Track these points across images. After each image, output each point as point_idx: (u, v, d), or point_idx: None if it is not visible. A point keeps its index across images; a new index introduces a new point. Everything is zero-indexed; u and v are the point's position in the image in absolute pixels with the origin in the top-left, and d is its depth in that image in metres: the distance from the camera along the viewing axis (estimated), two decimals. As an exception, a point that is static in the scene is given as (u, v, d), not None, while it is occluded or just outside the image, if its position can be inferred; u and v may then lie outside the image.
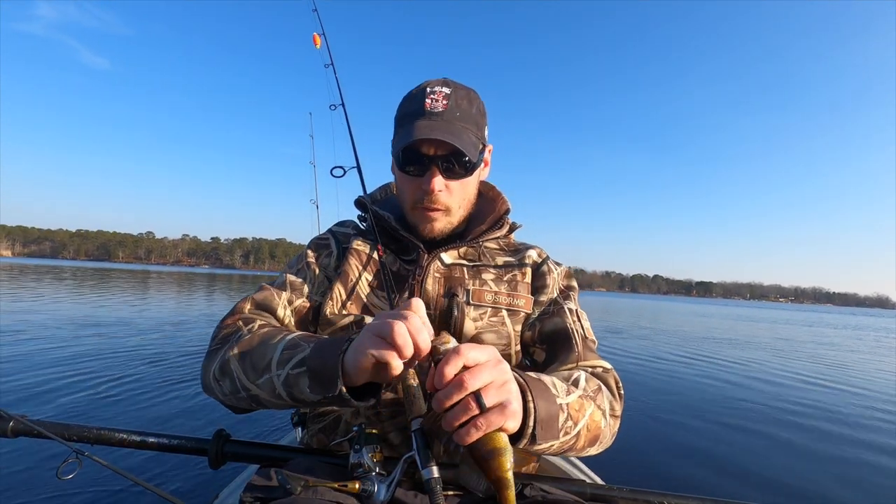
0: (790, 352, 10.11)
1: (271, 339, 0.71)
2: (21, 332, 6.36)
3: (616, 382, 0.82)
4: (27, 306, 9.58)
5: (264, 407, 0.74)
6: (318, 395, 0.63)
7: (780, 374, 6.92)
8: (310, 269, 0.93)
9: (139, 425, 3.03)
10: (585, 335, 0.87)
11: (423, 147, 0.82)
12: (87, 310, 9.69)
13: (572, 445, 0.69)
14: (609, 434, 0.77)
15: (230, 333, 0.79)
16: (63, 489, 2.13)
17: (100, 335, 6.58)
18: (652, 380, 5.87)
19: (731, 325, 18.69)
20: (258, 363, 0.69)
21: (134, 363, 4.92)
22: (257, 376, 0.69)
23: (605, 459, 0.80)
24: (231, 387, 0.73)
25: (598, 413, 0.73)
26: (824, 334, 16.86)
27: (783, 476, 2.94)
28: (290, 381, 0.66)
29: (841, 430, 4.02)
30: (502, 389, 0.56)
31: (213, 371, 0.75)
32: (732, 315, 31.16)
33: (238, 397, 0.73)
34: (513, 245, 1.00)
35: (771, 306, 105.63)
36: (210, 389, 0.78)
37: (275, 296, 0.87)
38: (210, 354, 0.79)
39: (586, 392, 0.72)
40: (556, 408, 0.65)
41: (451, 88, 0.85)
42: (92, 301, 11.83)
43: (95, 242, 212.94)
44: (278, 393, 0.67)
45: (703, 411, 4.43)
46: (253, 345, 0.72)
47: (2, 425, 0.74)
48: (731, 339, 12.37)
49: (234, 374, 0.72)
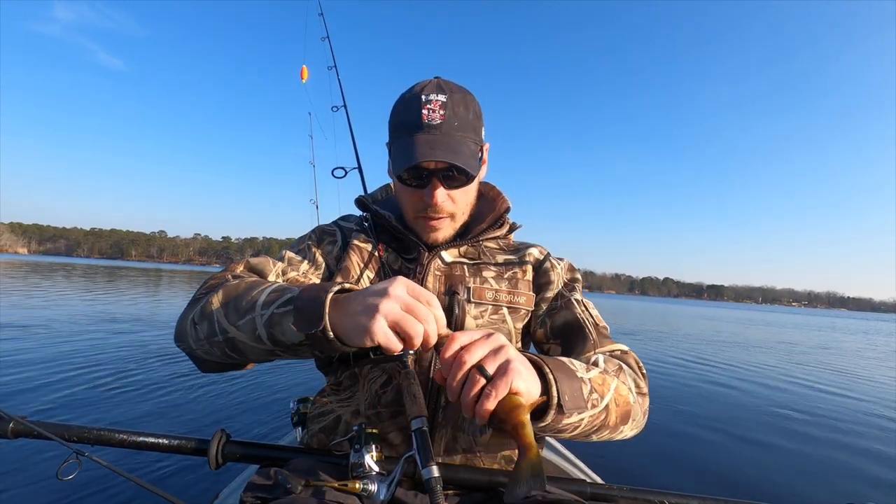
0: (794, 355, 10.09)
1: (259, 285, 0.70)
2: (28, 328, 6.38)
3: (637, 362, 0.82)
4: (36, 303, 9.65)
5: (237, 354, 0.70)
6: (300, 333, 0.61)
7: (783, 377, 6.92)
8: (310, 252, 0.93)
9: (139, 426, 3.04)
10: (597, 322, 0.88)
11: (424, 162, 0.81)
12: (98, 307, 9.76)
13: (604, 421, 0.69)
14: (641, 412, 0.77)
15: (217, 283, 0.77)
16: (63, 490, 2.12)
17: (111, 332, 6.60)
18: (652, 380, 5.81)
19: (739, 329, 18.63)
20: (241, 305, 0.68)
21: (136, 361, 4.93)
22: (239, 317, 0.67)
23: (606, 459, 0.79)
24: (208, 330, 0.70)
25: (624, 388, 0.73)
26: (836, 339, 16.64)
27: (783, 476, 2.94)
28: (273, 321, 0.64)
29: (844, 433, 4.02)
30: (499, 354, 0.58)
31: (193, 315, 0.73)
32: (742, 319, 31.03)
33: (212, 341, 0.70)
34: (513, 244, 1.01)
35: (782, 310, 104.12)
36: (183, 337, 0.76)
37: (269, 263, 0.87)
38: (192, 302, 0.77)
39: (607, 370, 0.73)
40: (578, 381, 0.66)
41: (446, 95, 0.82)
42: (102, 299, 11.92)
43: (109, 241, 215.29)
44: (258, 334, 0.65)
45: (703, 411, 4.42)
46: (239, 290, 0.70)
47: (2, 426, 0.74)
48: (738, 342, 12.33)
49: (214, 317, 0.70)
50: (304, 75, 1.40)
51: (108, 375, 4.32)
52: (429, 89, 0.83)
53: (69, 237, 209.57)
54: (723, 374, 6.59)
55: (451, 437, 0.81)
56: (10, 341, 5.51)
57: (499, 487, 0.75)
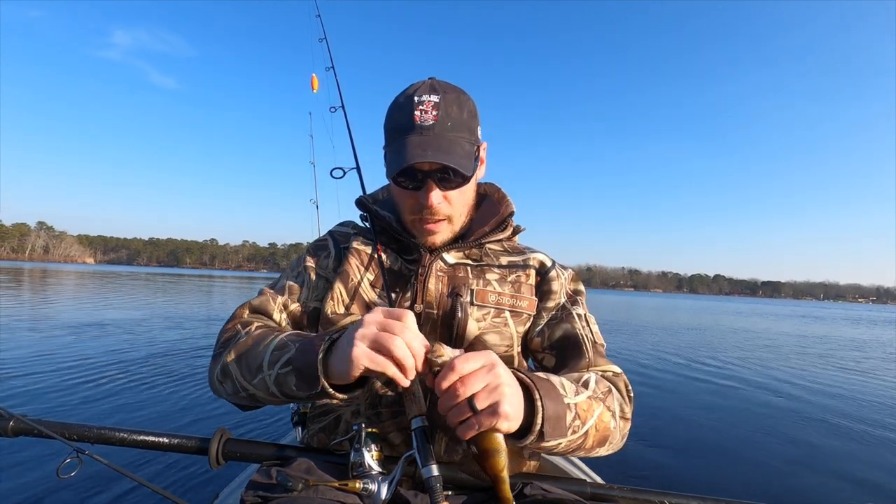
0: (805, 355, 9.93)
1: (263, 341, 0.75)
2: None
3: (626, 386, 0.83)
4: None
5: (265, 403, 0.78)
6: (304, 392, 0.68)
7: (787, 377, 6.84)
8: (307, 273, 0.93)
9: (140, 424, 3.04)
10: (595, 340, 0.87)
11: (417, 163, 0.80)
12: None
13: (580, 445, 0.70)
14: (619, 436, 0.77)
15: (230, 337, 0.82)
16: (63, 488, 2.12)
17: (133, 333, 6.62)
18: (652, 379, 5.87)
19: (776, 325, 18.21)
20: (252, 364, 0.73)
21: (140, 360, 4.94)
22: (252, 377, 0.73)
23: (606, 458, 0.81)
24: (232, 387, 0.77)
25: (608, 414, 0.73)
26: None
27: (784, 476, 2.94)
28: (279, 380, 0.70)
29: (847, 436, 3.98)
30: (493, 393, 0.59)
31: (217, 374, 0.80)
32: (789, 314, 30.24)
33: (239, 396, 0.78)
34: (517, 248, 0.99)
35: (846, 307, 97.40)
36: (215, 391, 0.83)
37: (270, 301, 0.89)
38: (214, 358, 0.82)
39: (595, 394, 0.73)
40: (564, 407, 0.66)
41: (439, 95, 0.81)
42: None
43: (166, 249, 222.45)
44: (272, 391, 0.72)
45: (704, 411, 4.43)
46: (247, 347, 0.76)
47: (2, 424, 0.73)
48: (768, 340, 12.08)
49: (233, 376, 0.76)
50: (314, 84, 1.41)
51: (111, 375, 4.33)
52: (422, 90, 0.82)
53: (130, 247, 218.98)
54: (726, 374, 6.56)
55: (451, 437, 0.82)
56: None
57: None
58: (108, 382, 4.08)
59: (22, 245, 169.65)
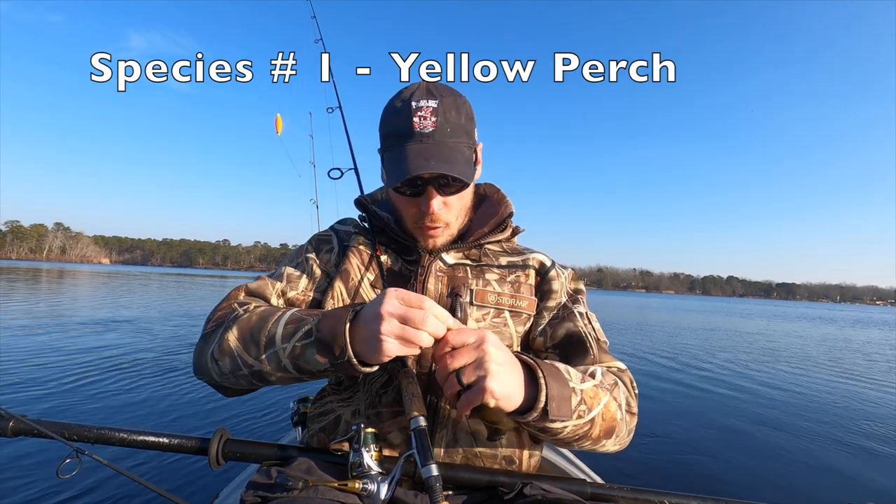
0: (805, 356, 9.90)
1: (271, 317, 0.74)
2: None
3: (631, 382, 0.83)
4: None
5: (263, 383, 0.76)
6: (325, 364, 0.68)
7: (787, 377, 6.82)
8: (308, 264, 0.93)
9: (140, 424, 3.06)
10: (598, 337, 0.88)
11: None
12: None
13: (587, 433, 0.70)
14: (626, 430, 0.77)
15: (225, 315, 0.80)
16: (63, 488, 2.13)
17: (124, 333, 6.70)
18: (653, 379, 5.83)
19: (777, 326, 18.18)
20: (260, 339, 0.72)
21: (143, 361, 4.97)
22: (260, 352, 0.72)
23: (606, 458, 0.80)
24: (231, 365, 0.74)
25: (614, 404, 0.74)
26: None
27: (784, 476, 2.92)
28: (296, 353, 0.69)
29: (848, 436, 3.96)
30: (479, 369, 0.61)
31: (211, 351, 0.76)
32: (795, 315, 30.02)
33: (238, 375, 0.75)
34: (516, 248, 0.99)
35: (862, 309, 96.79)
36: (204, 371, 0.79)
37: (268, 285, 0.88)
38: (205, 337, 0.80)
39: (602, 384, 0.73)
40: (569, 390, 0.67)
41: (436, 100, 0.80)
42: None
43: (179, 250, 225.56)
44: (283, 365, 0.71)
45: (704, 412, 4.40)
46: (252, 323, 0.74)
47: (2, 424, 0.74)
48: (759, 342, 12.10)
49: (234, 353, 0.74)
50: (278, 126, 1.34)
51: (111, 375, 4.37)
52: (418, 94, 0.80)
53: (144, 248, 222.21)
54: (725, 375, 6.49)
55: (451, 436, 0.81)
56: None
57: (499, 487, 0.75)
58: (110, 382, 4.13)
59: (40, 245, 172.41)
